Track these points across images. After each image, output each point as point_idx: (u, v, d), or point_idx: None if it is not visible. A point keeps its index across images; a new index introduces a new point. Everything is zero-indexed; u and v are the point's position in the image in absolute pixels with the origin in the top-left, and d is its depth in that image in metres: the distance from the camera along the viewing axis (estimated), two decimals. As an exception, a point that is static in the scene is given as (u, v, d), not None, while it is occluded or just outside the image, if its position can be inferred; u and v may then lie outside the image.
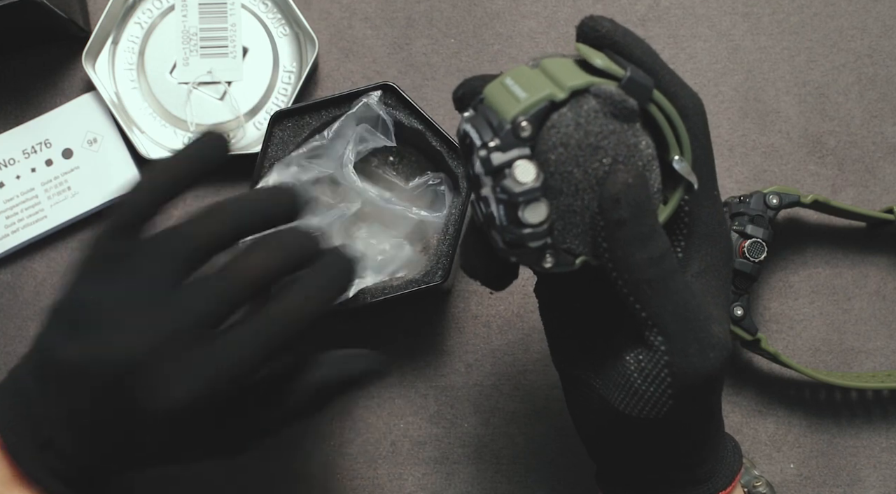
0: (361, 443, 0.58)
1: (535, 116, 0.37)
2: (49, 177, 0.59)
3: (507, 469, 0.57)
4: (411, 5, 0.61)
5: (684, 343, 0.40)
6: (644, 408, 0.41)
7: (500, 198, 0.38)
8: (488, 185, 0.38)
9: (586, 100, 0.38)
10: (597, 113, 0.38)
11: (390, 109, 0.53)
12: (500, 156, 0.37)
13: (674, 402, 0.41)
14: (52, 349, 0.42)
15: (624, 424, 0.42)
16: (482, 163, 0.38)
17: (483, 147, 0.38)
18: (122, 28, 0.60)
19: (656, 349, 0.40)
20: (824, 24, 0.61)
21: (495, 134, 0.37)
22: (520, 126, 0.37)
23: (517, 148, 0.37)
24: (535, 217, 0.38)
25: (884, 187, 0.60)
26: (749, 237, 0.54)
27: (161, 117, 0.59)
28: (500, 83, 0.39)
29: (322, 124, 0.54)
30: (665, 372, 0.40)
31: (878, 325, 0.59)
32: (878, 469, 0.58)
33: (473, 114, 0.39)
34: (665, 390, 0.40)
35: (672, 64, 0.61)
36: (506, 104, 0.38)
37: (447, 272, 0.53)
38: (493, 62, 0.61)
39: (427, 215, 0.53)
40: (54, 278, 0.59)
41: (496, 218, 0.38)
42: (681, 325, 0.40)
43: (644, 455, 0.44)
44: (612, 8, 0.61)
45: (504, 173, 0.37)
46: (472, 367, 0.58)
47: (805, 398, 0.58)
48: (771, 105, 0.61)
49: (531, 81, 0.38)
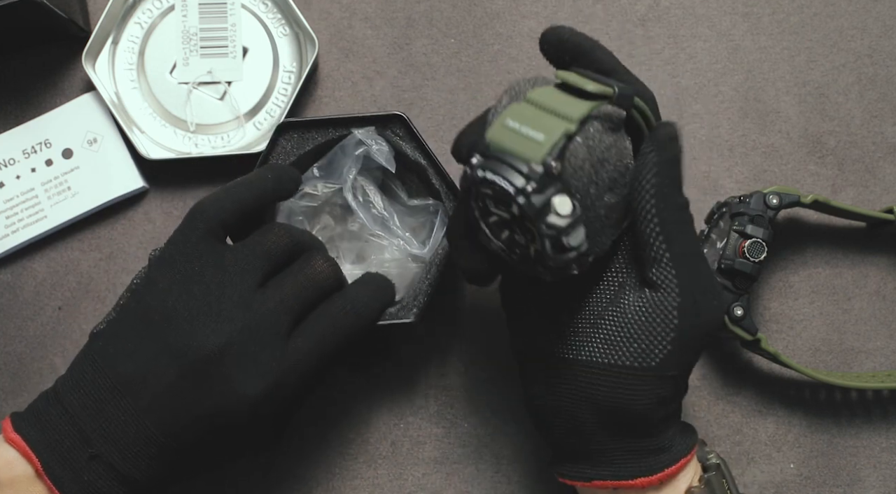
0: (361, 443, 0.58)
1: (559, 154, 0.40)
2: (49, 177, 0.59)
3: (507, 469, 0.57)
4: (411, 5, 0.61)
5: (697, 285, 0.44)
6: (635, 354, 0.44)
7: (547, 234, 0.40)
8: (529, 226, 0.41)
9: (590, 123, 0.41)
10: (599, 132, 0.42)
11: (398, 139, 0.53)
12: (539, 198, 0.40)
13: (671, 348, 0.44)
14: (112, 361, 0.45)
15: (598, 387, 0.45)
16: (523, 208, 0.40)
17: (520, 193, 0.40)
18: (122, 28, 0.60)
19: (670, 290, 0.44)
20: (824, 24, 0.61)
21: (528, 178, 0.40)
22: (551, 166, 0.40)
23: (552, 186, 0.40)
24: (577, 239, 0.41)
25: (884, 187, 0.60)
26: (749, 237, 0.54)
27: (161, 117, 0.59)
28: (504, 127, 0.41)
29: (326, 143, 0.53)
30: (673, 314, 0.44)
31: (878, 325, 0.59)
32: (878, 469, 0.58)
33: (487, 162, 0.41)
34: (668, 333, 0.44)
35: (672, 64, 0.61)
36: (525, 147, 0.40)
37: (422, 312, 0.52)
38: (493, 62, 0.61)
39: (413, 250, 0.53)
40: (54, 278, 0.59)
41: (545, 251, 0.41)
42: (695, 270, 0.44)
43: (613, 421, 0.45)
44: (612, 8, 0.61)
45: (546, 211, 0.40)
46: (472, 367, 0.58)
47: (805, 398, 0.58)
48: (771, 105, 0.61)
49: (537, 120, 0.41)
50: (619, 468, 0.46)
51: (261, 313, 0.45)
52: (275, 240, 0.47)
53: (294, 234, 0.48)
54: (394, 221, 0.54)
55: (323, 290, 0.47)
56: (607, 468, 0.46)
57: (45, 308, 0.59)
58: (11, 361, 0.58)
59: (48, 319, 0.59)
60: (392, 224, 0.54)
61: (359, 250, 0.54)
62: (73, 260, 0.59)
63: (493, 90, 0.60)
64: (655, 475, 0.45)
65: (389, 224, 0.54)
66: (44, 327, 0.59)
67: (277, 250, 0.47)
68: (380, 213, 0.54)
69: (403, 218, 0.54)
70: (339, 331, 0.46)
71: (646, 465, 0.46)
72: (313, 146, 0.53)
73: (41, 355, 0.58)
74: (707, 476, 0.47)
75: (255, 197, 0.48)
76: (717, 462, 0.48)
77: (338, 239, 0.54)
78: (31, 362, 0.58)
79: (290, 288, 0.46)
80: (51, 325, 0.59)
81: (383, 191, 0.55)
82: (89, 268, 0.59)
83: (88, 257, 0.59)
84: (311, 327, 0.46)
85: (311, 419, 0.58)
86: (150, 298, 0.46)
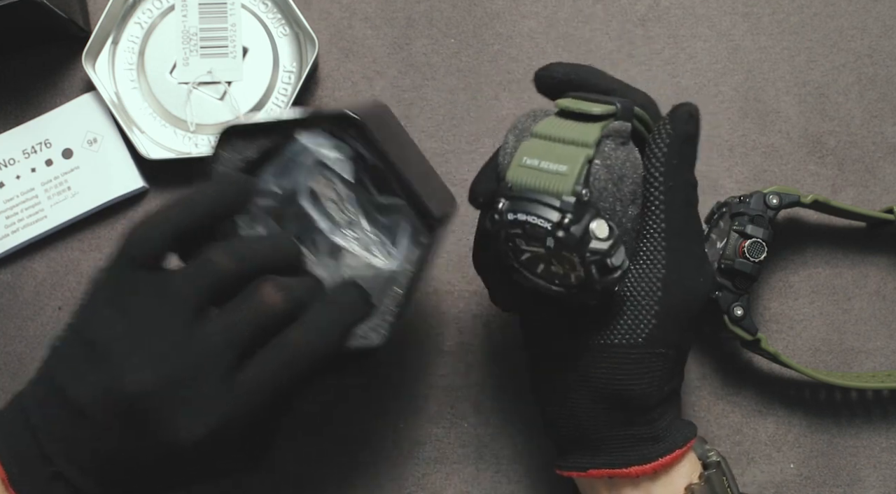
0: (361, 443, 0.58)
1: (585, 181, 0.41)
2: (49, 177, 0.59)
3: (507, 469, 0.57)
4: (411, 5, 0.61)
5: (685, 261, 0.45)
6: (623, 331, 0.44)
7: (592, 260, 0.41)
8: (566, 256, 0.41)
9: (604, 143, 0.42)
10: (613, 150, 0.42)
11: (360, 144, 0.47)
12: (578, 228, 0.41)
13: (656, 322, 0.44)
14: (63, 384, 0.42)
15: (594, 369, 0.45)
16: (564, 240, 0.41)
17: (558, 227, 0.40)
18: (122, 28, 0.60)
19: (656, 262, 0.44)
20: (824, 24, 0.61)
21: (562, 211, 0.41)
22: (582, 194, 0.41)
23: (587, 213, 0.41)
24: (620, 258, 0.42)
25: (884, 187, 0.60)
26: (749, 237, 0.54)
27: (161, 117, 0.59)
28: (522, 167, 0.42)
29: (273, 148, 0.47)
30: (657, 286, 0.44)
31: (878, 325, 0.59)
32: (878, 469, 0.58)
33: (515, 203, 0.42)
34: (651, 306, 0.44)
35: (672, 64, 0.61)
36: (550, 182, 0.41)
37: (388, 336, 0.46)
38: (493, 62, 0.61)
39: (378, 263, 0.47)
40: (54, 278, 0.59)
41: (591, 277, 0.42)
42: (686, 246, 0.45)
43: (609, 407, 0.45)
44: (612, 8, 0.61)
45: (587, 239, 0.41)
46: (472, 367, 0.58)
47: (805, 398, 0.58)
48: (771, 105, 0.61)
49: (553, 152, 0.42)
50: (614, 456, 0.46)
51: (199, 349, 0.41)
52: (215, 267, 0.42)
53: (243, 255, 0.43)
54: (360, 225, 0.48)
55: (274, 320, 0.43)
56: (603, 457, 0.46)
57: (45, 308, 0.59)
58: (11, 361, 0.58)
59: (48, 319, 0.59)
60: (358, 229, 0.48)
61: (333, 242, 0.49)
62: (73, 260, 0.59)
63: (492, 90, 0.60)
64: (650, 463, 0.45)
65: (355, 229, 0.48)
66: (44, 327, 0.59)
67: (221, 277, 0.42)
68: (345, 219, 0.48)
69: (373, 216, 0.48)
70: (294, 363, 0.43)
71: (640, 453, 0.46)
72: (261, 151, 0.47)
73: (41, 355, 0.58)
74: (707, 474, 0.47)
75: (196, 217, 0.44)
76: (717, 459, 0.48)
77: (313, 229, 0.49)
78: (31, 362, 0.58)
79: (233, 321, 0.42)
80: (51, 325, 0.59)
81: (355, 183, 0.48)
82: (89, 268, 0.59)
83: (88, 257, 0.59)
84: (261, 361, 0.42)
85: (311, 419, 0.58)
86: (84, 326, 0.43)
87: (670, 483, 0.46)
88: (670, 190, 0.44)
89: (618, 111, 0.43)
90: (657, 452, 0.46)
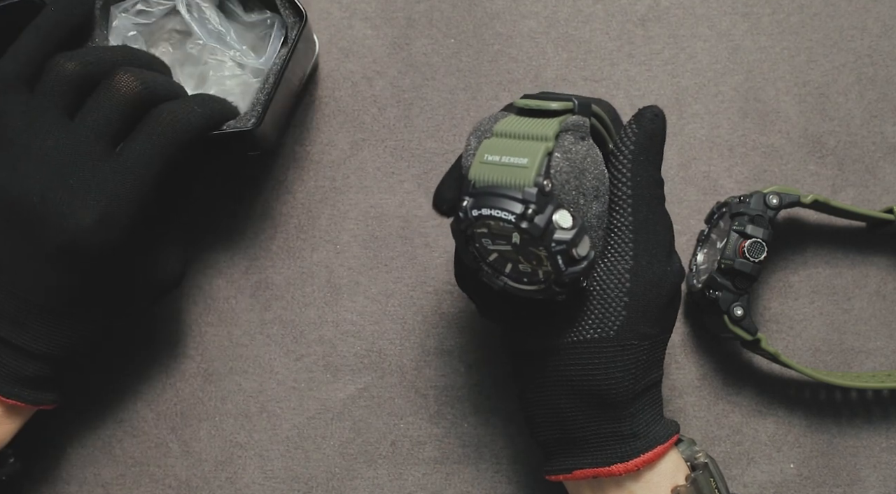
0: (361, 443, 0.58)
1: (545, 172, 0.42)
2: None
3: (507, 469, 0.57)
4: (411, 5, 0.61)
5: (653, 251, 0.45)
6: (594, 325, 0.45)
7: (557, 251, 0.42)
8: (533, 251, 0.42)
9: (563, 137, 0.43)
10: (573, 143, 0.43)
11: None
12: (542, 218, 0.41)
13: (626, 313, 0.45)
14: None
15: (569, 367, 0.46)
16: (529, 231, 0.41)
17: (522, 218, 0.41)
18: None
19: (624, 253, 0.45)
20: (824, 24, 0.61)
21: (525, 202, 0.41)
22: (543, 185, 0.41)
23: (550, 204, 0.41)
24: (585, 248, 0.43)
25: (884, 187, 0.60)
26: (749, 237, 0.54)
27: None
28: (484, 163, 0.43)
29: None
30: (626, 277, 0.45)
31: (878, 325, 0.59)
32: (878, 469, 0.58)
33: (478, 199, 0.42)
34: (621, 298, 0.45)
35: (672, 64, 0.61)
36: (512, 175, 0.42)
37: (260, 119, 0.51)
38: (493, 62, 0.61)
39: (250, 61, 0.53)
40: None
41: (558, 268, 0.42)
42: (653, 238, 0.46)
43: (588, 404, 0.46)
44: (612, 8, 0.61)
45: (551, 229, 0.41)
46: (472, 367, 0.58)
47: (805, 398, 0.58)
48: (771, 105, 0.61)
49: (514, 148, 0.42)
50: (596, 455, 0.46)
51: (71, 144, 0.45)
52: (61, 71, 0.46)
53: (88, 59, 0.47)
54: (230, 36, 0.53)
55: (135, 104, 0.47)
56: (586, 456, 0.46)
57: None
58: (11, 361, 0.58)
59: None
60: (229, 38, 0.53)
61: (199, 74, 0.53)
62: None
63: (492, 90, 0.60)
64: (631, 461, 0.46)
65: (226, 39, 0.53)
66: None
67: (68, 79, 0.46)
68: (216, 29, 0.53)
69: (241, 33, 0.54)
70: (167, 133, 0.46)
71: (621, 451, 0.46)
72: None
73: None
74: (694, 476, 0.47)
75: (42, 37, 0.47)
76: (704, 460, 0.48)
77: (178, 65, 0.53)
78: None
79: (95, 112, 0.46)
80: None
81: (220, 10, 0.54)
82: None
83: None
84: (135, 136, 0.46)
85: (311, 419, 0.58)
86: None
87: (655, 485, 0.46)
88: (637, 185, 0.45)
89: (575, 107, 0.44)
90: (638, 449, 0.46)
